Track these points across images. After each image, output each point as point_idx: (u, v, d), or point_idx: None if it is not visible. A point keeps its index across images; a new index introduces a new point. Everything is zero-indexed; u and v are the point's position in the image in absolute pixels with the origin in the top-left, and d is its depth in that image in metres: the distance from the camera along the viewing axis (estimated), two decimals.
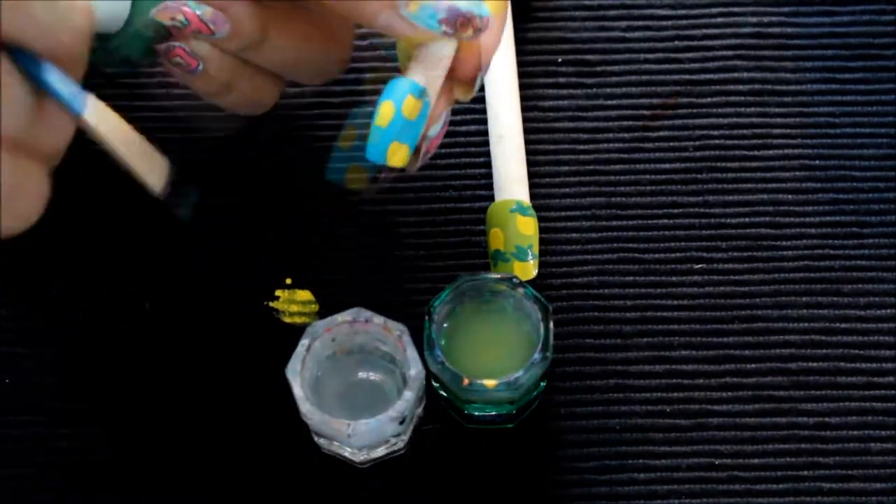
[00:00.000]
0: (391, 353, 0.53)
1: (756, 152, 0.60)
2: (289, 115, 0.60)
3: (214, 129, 0.59)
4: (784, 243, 0.58)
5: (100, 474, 0.55)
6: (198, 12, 0.50)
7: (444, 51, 0.49)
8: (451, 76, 0.50)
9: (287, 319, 0.57)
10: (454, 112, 0.53)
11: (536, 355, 0.51)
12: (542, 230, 0.58)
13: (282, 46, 0.52)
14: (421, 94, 0.48)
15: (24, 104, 0.43)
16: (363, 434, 0.51)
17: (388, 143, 0.48)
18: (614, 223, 0.59)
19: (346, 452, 0.53)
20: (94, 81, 0.57)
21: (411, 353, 0.51)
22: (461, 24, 0.48)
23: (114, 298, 0.57)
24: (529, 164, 0.59)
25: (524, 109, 0.60)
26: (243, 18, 0.50)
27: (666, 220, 0.59)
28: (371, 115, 0.48)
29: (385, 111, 0.48)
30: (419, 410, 0.54)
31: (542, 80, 0.61)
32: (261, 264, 0.58)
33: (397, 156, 0.49)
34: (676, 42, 0.62)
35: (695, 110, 0.61)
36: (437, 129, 0.50)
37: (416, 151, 0.50)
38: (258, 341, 0.56)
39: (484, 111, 0.60)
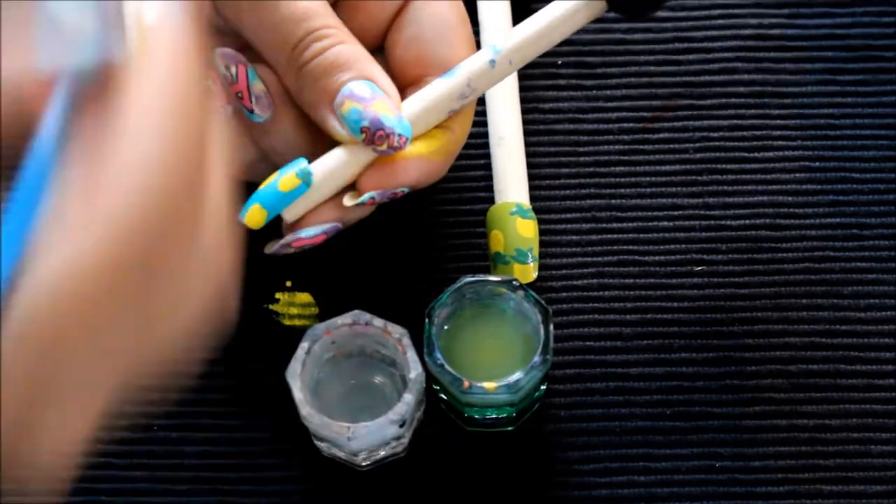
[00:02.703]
0: (391, 355, 0.53)
1: (756, 154, 0.60)
2: None
3: None
4: (784, 245, 0.58)
5: (99, 476, 0.55)
6: (251, 80, 0.50)
7: (358, 159, 0.50)
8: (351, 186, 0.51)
9: (287, 322, 0.57)
10: None
11: (536, 358, 0.51)
12: (542, 232, 0.58)
13: (289, 138, 0.52)
14: (304, 175, 0.50)
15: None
16: (363, 437, 0.51)
17: (254, 202, 0.50)
18: (614, 225, 0.59)
19: (347, 455, 0.53)
20: None
21: (411, 355, 0.51)
22: (378, 138, 0.49)
23: None
24: (529, 166, 0.59)
25: (524, 111, 0.60)
26: (286, 121, 0.51)
27: (666, 223, 0.59)
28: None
29: (270, 177, 0.50)
30: (419, 413, 0.54)
31: (541, 82, 0.61)
32: (261, 267, 0.57)
33: (253, 218, 0.50)
34: (676, 44, 0.62)
35: (695, 112, 0.61)
36: (311, 232, 0.51)
37: (282, 236, 0.51)
38: (258, 344, 0.56)
39: (484, 113, 0.60)
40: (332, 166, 0.50)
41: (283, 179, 0.50)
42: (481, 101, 0.60)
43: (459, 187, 0.59)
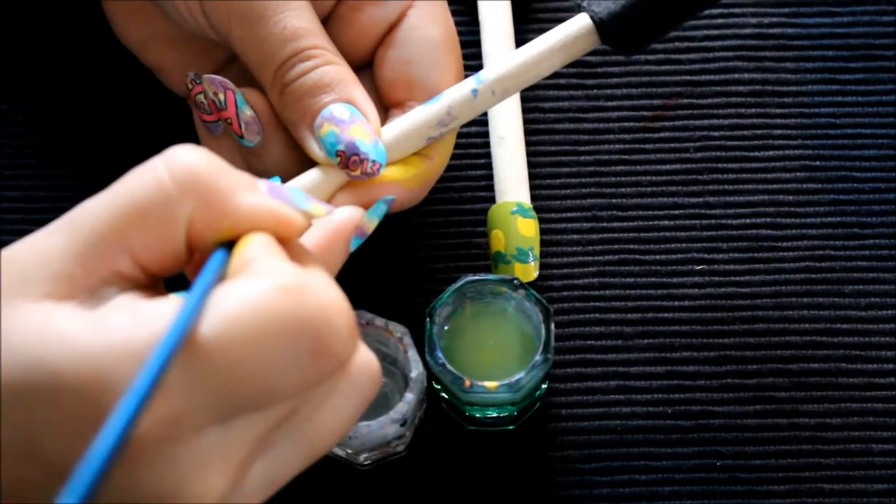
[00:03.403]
0: (392, 354, 0.53)
1: (757, 153, 0.60)
2: None
3: None
4: (785, 244, 0.58)
5: None
6: (240, 106, 0.51)
7: (332, 181, 0.50)
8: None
9: None
10: None
11: (538, 357, 0.51)
12: (542, 231, 0.58)
13: (278, 161, 0.53)
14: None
15: None
16: (364, 436, 0.51)
17: None
18: (615, 224, 0.59)
19: (348, 454, 0.53)
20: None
21: (412, 354, 0.51)
22: (353, 163, 0.49)
23: None
24: (530, 165, 0.59)
25: (525, 111, 0.60)
26: (274, 144, 0.52)
27: (667, 221, 0.59)
28: None
29: None
30: (420, 412, 0.54)
31: (542, 81, 0.61)
32: None
33: None
34: (677, 43, 0.62)
35: (695, 111, 0.61)
36: None
37: None
38: None
39: (485, 113, 0.60)
40: (304, 185, 0.50)
41: None
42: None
43: (460, 187, 0.59)
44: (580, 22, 0.50)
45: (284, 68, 0.50)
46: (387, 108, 0.53)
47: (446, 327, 0.53)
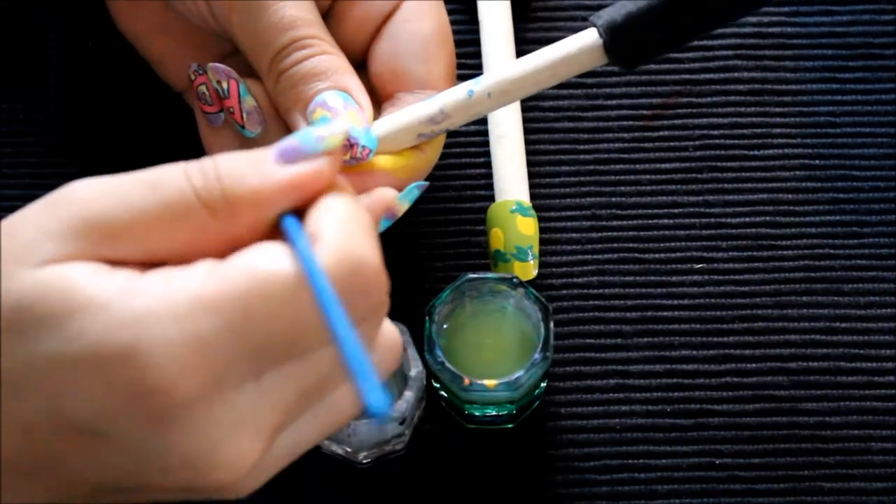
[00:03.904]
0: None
1: (756, 152, 0.60)
2: None
3: None
4: (784, 243, 0.58)
5: None
6: (243, 95, 0.51)
7: None
8: None
9: None
10: None
11: (537, 355, 0.51)
12: (542, 230, 0.58)
13: None
14: None
15: None
16: (364, 434, 0.51)
17: None
18: (614, 223, 0.59)
19: (347, 452, 0.53)
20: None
21: (412, 353, 0.52)
22: (344, 147, 0.49)
23: None
24: (529, 164, 0.59)
25: (524, 109, 0.60)
26: (275, 135, 0.52)
27: (666, 220, 0.59)
28: None
29: None
30: (419, 411, 0.54)
31: None
32: None
33: None
34: None
35: (695, 110, 0.61)
36: None
37: None
38: None
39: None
40: None
41: None
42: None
43: (460, 185, 0.59)
44: (588, 37, 0.49)
45: (281, 56, 0.50)
46: (380, 102, 0.53)
47: (445, 326, 0.53)
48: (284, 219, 0.39)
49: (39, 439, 0.37)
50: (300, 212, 0.40)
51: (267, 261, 0.37)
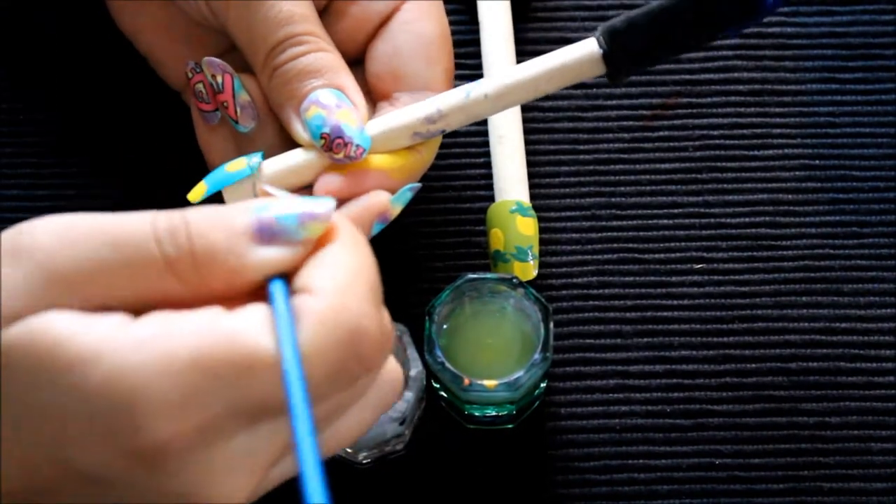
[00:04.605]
0: (392, 353, 0.53)
1: (756, 152, 0.60)
2: None
3: None
4: (784, 243, 0.58)
5: None
6: (237, 90, 0.51)
7: (312, 164, 0.50)
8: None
9: None
10: None
11: (537, 356, 0.51)
12: (542, 230, 0.58)
13: (272, 148, 0.53)
14: (253, 164, 0.50)
15: None
16: (363, 434, 0.51)
17: (204, 179, 0.50)
18: (614, 223, 0.59)
19: (347, 452, 0.53)
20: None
21: (412, 353, 0.52)
22: (336, 145, 0.50)
23: None
24: (529, 164, 0.59)
25: (524, 110, 0.60)
26: (269, 131, 0.52)
27: (666, 220, 0.59)
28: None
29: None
30: (419, 411, 0.54)
31: None
32: None
33: (195, 191, 0.50)
34: None
35: (695, 110, 0.61)
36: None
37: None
38: None
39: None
40: (285, 163, 0.51)
41: (232, 163, 0.50)
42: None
43: (460, 185, 0.59)
44: (587, 46, 0.50)
45: (276, 51, 0.50)
46: (375, 101, 0.53)
47: (445, 326, 0.53)
48: (270, 283, 0.38)
49: (38, 475, 0.37)
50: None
51: (247, 335, 0.37)
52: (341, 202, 0.50)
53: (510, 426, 0.55)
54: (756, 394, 0.56)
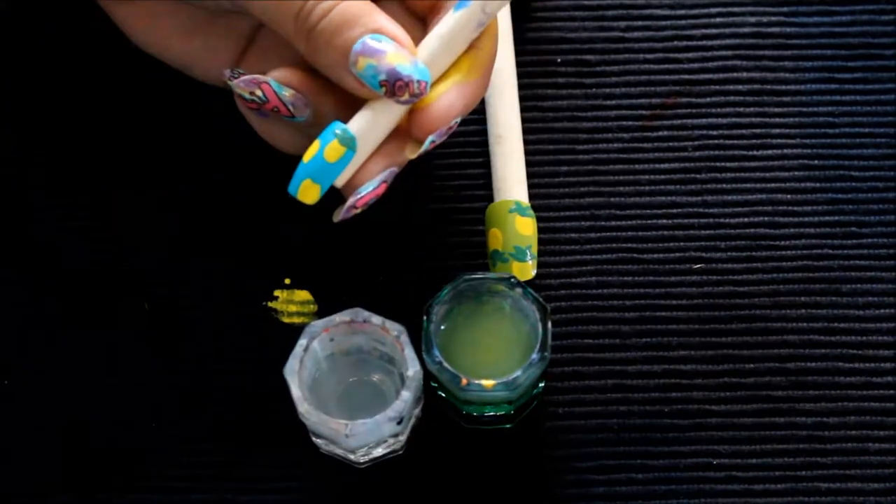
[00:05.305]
0: (389, 353, 0.53)
1: (755, 152, 0.60)
2: None
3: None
4: (783, 243, 0.58)
5: (98, 475, 0.55)
6: (279, 92, 0.50)
7: (390, 110, 0.50)
8: (402, 135, 0.51)
9: (286, 319, 0.57)
10: None
11: (535, 356, 0.51)
12: (540, 230, 0.58)
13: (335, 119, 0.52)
14: (347, 141, 0.49)
15: None
16: (361, 434, 0.51)
17: (303, 178, 0.49)
18: (613, 223, 0.59)
19: (344, 452, 0.53)
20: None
21: (409, 353, 0.52)
22: (398, 88, 0.49)
23: (113, 300, 0.57)
24: (528, 164, 0.59)
25: (523, 109, 0.60)
26: (325, 106, 0.51)
27: (665, 220, 0.59)
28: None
29: (312, 148, 0.50)
30: (417, 411, 0.54)
31: (541, 79, 0.61)
32: (260, 264, 0.58)
33: (308, 193, 0.50)
34: (675, 42, 0.62)
35: (694, 110, 0.61)
36: (370, 187, 0.51)
37: (345, 201, 0.51)
38: (257, 341, 0.56)
39: (483, 111, 0.60)
40: (368, 124, 0.50)
41: (329, 149, 0.49)
42: (480, 100, 0.60)
43: (458, 185, 0.59)
44: None
45: (303, 14, 0.49)
46: (421, 18, 0.52)
47: (443, 326, 0.53)
48: None
49: None
50: None
51: None
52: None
53: (508, 426, 0.55)
54: (754, 394, 0.56)
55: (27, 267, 0.58)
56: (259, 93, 0.51)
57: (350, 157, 0.49)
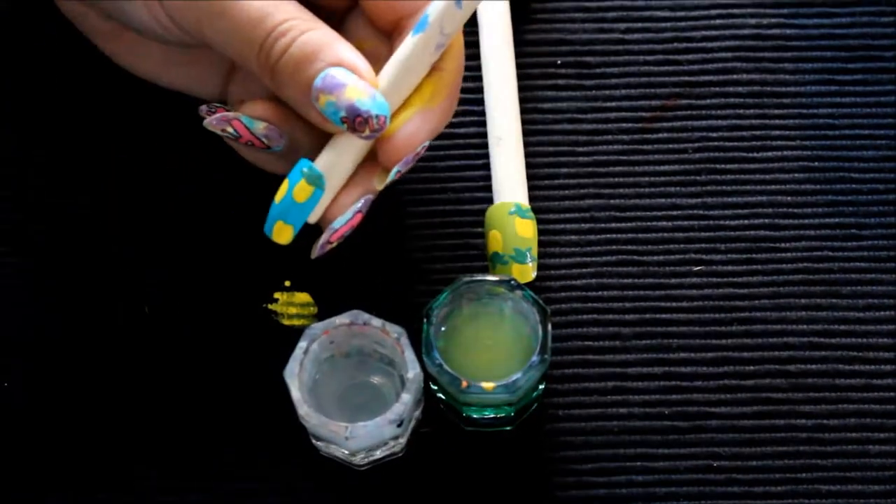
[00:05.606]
0: (389, 355, 0.53)
1: (755, 154, 0.60)
2: None
3: None
4: (783, 245, 0.58)
5: (98, 477, 0.55)
6: (251, 127, 0.50)
7: (354, 143, 0.50)
8: (372, 164, 0.51)
9: (286, 322, 0.57)
10: (454, 114, 0.53)
11: (535, 358, 0.51)
12: (540, 232, 0.58)
13: (309, 145, 0.52)
14: (314, 179, 0.49)
15: None
16: (361, 436, 0.51)
17: (275, 220, 0.50)
18: (613, 225, 0.59)
19: (345, 455, 0.53)
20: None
21: (409, 355, 0.51)
22: (358, 124, 0.49)
23: (112, 301, 0.57)
24: (528, 166, 0.59)
25: (523, 111, 0.60)
26: (299, 136, 0.51)
27: (665, 223, 0.59)
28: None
29: (282, 188, 0.50)
30: (417, 413, 0.54)
31: (540, 81, 0.61)
32: (260, 266, 0.58)
33: (281, 235, 0.50)
34: (675, 44, 0.62)
35: (694, 112, 0.61)
36: (343, 220, 0.51)
37: (321, 237, 0.51)
38: (257, 344, 0.56)
39: (483, 113, 0.60)
40: (334, 159, 0.50)
41: (297, 190, 0.49)
42: (480, 102, 0.60)
43: (458, 187, 0.59)
44: None
45: (264, 51, 0.49)
46: (389, 36, 0.52)
47: (443, 328, 0.53)
48: None
49: None
50: None
51: None
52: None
53: (508, 428, 0.55)
54: (754, 396, 0.56)
55: (27, 267, 0.58)
56: (230, 129, 0.51)
57: (319, 196, 0.50)
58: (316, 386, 0.53)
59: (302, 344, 0.52)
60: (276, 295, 0.57)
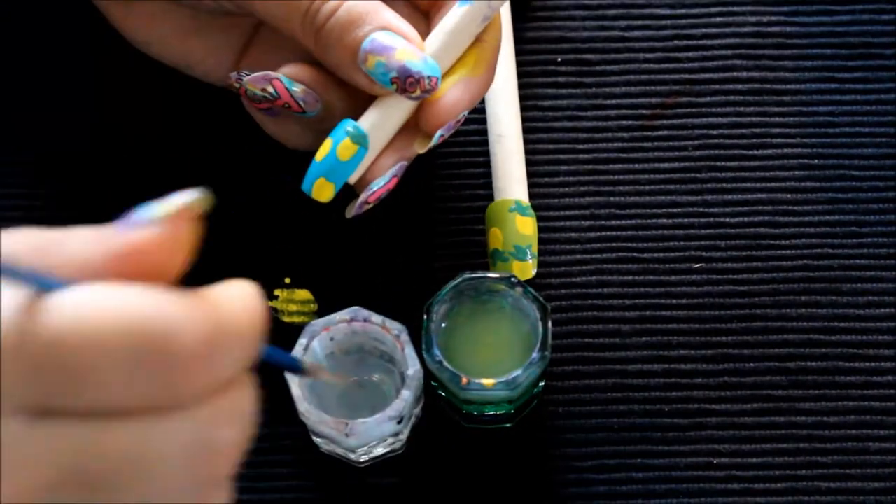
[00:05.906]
0: (389, 352, 0.53)
1: (755, 151, 0.60)
2: None
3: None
4: (783, 242, 0.58)
5: None
6: (290, 88, 0.50)
7: (400, 105, 0.51)
8: (411, 129, 0.51)
9: (286, 319, 0.57)
10: None
11: (535, 355, 0.51)
12: (540, 230, 0.58)
13: (345, 113, 0.52)
14: (359, 139, 0.50)
15: None
16: (361, 433, 0.51)
17: (317, 177, 0.50)
18: (613, 223, 0.59)
19: (345, 451, 0.53)
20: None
21: (409, 352, 0.51)
22: (410, 85, 0.49)
23: None
24: (528, 163, 0.59)
25: (523, 109, 0.60)
26: (335, 101, 0.51)
27: (665, 220, 0.59)
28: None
29: (324, 146, 0.50)
30: (417, 410, 0.54)
31: (541, 79, 0.61)
32: (260, 263, 0.58)
33: (322, 192, 0.50)
34: (676, 41, 0.62)
35: (694, 110, 0.61)
36: (381, 182, 0.51)
37: (354, 196, 0.52)
38: None
39: (483, 110, 0.60)
40: (379, 121, 0.51)
41: (341, 148, 0.50)
42: (480, 99, 0.60)
43: (458, 184, 0.59)
44: None
45: (311, 14, 0.50)
46: (426, 12, 0.52)
47: (443, 325, 0.53)
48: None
49: None
50: None
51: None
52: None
53: (508, 425, 0.55)
54: (754, 393, 0.56)
55: None
56: (270, 89, 0.51)
57: (363, 155, 0.50)
58: (316, 383, 0.53)
59: (302, 341, 0.52)
60: (277, 292, 0.57)
